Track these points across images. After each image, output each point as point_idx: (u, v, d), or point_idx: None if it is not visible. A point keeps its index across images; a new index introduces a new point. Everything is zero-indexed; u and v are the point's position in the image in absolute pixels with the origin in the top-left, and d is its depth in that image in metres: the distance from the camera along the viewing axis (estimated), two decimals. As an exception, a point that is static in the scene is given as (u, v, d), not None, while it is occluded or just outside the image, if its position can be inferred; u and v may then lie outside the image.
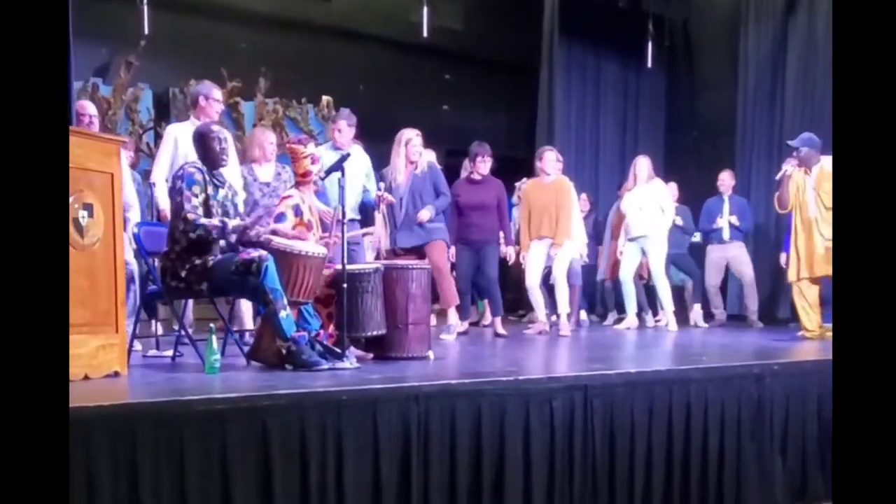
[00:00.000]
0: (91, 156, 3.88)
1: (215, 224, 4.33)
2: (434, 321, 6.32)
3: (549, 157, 7.25)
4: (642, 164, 7.76)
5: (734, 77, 9.70)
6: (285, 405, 3.39)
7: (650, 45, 10.10)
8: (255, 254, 4.25)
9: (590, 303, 8.87)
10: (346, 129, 6.30)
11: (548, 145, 7.84)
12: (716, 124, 9.96)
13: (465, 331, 6.91)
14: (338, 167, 4.77)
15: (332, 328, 4.73)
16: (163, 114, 8.38)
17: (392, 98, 8.42)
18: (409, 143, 6.24)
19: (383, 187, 6.49)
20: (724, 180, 8.55)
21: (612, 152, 10.41)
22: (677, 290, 8.37)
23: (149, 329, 5.52)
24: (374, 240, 7.57)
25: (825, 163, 6.29)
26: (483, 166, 6.87)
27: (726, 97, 9.78)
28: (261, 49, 8.71)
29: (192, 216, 4.28)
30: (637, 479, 4.21)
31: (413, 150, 6.25)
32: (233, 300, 5.35)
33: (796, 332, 6.77)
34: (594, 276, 8.66)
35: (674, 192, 8.46)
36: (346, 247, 4.57)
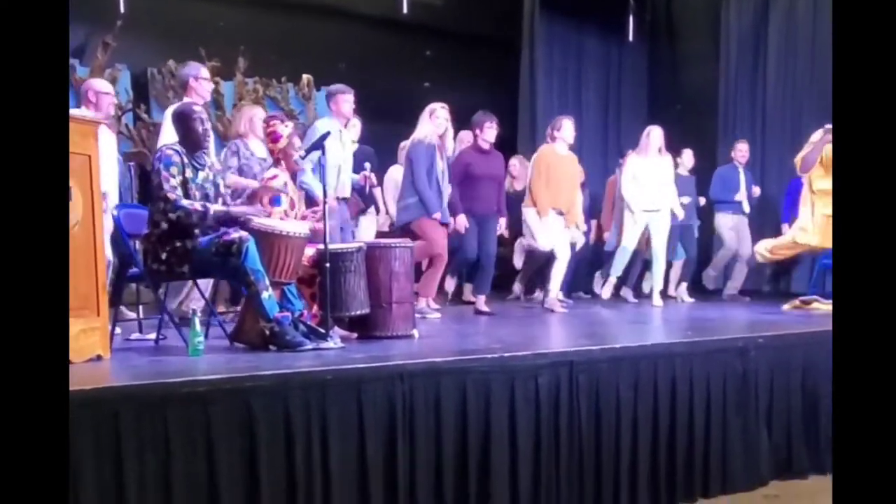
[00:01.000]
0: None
1: (197, 209, 4.27)
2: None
3: (569, 126, 7.01)
4: (657, 135, 7.45)
5: (716, 51, 9.71)
6: (269, 386, 3.37)
7: (632, 19, 10.08)
8: (235, 235, 4.20)
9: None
10: (343, 102, 6.14)
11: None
12: (698, 98, 9.97)
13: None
14: (318, 146, 4.74)
15: (315, 308, 4.70)
16: (141, 94, 8.26)
17: (373, 75, 8.32)
18: (433, 115, 6.23)
19: (369, 167, 6.45)
20: (742, 151, 8.41)
21: (595, 127, 10.41)
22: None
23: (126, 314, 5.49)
24: (381, 217, 7.54)
25: None
26: (490, 133, 6.73)
27: (708, 71, 9.80)
28: (239, 28, 8.59)
29: (172, 196, 4.22)
30: (623, 455, 4.24)
31: (438, 123, 6.23)
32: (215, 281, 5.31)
33: (781, 307, 6.84)
34: (585, 251, 8.30)
35: (690, 160, 8.38)
36: (328, 226, 4.53)
